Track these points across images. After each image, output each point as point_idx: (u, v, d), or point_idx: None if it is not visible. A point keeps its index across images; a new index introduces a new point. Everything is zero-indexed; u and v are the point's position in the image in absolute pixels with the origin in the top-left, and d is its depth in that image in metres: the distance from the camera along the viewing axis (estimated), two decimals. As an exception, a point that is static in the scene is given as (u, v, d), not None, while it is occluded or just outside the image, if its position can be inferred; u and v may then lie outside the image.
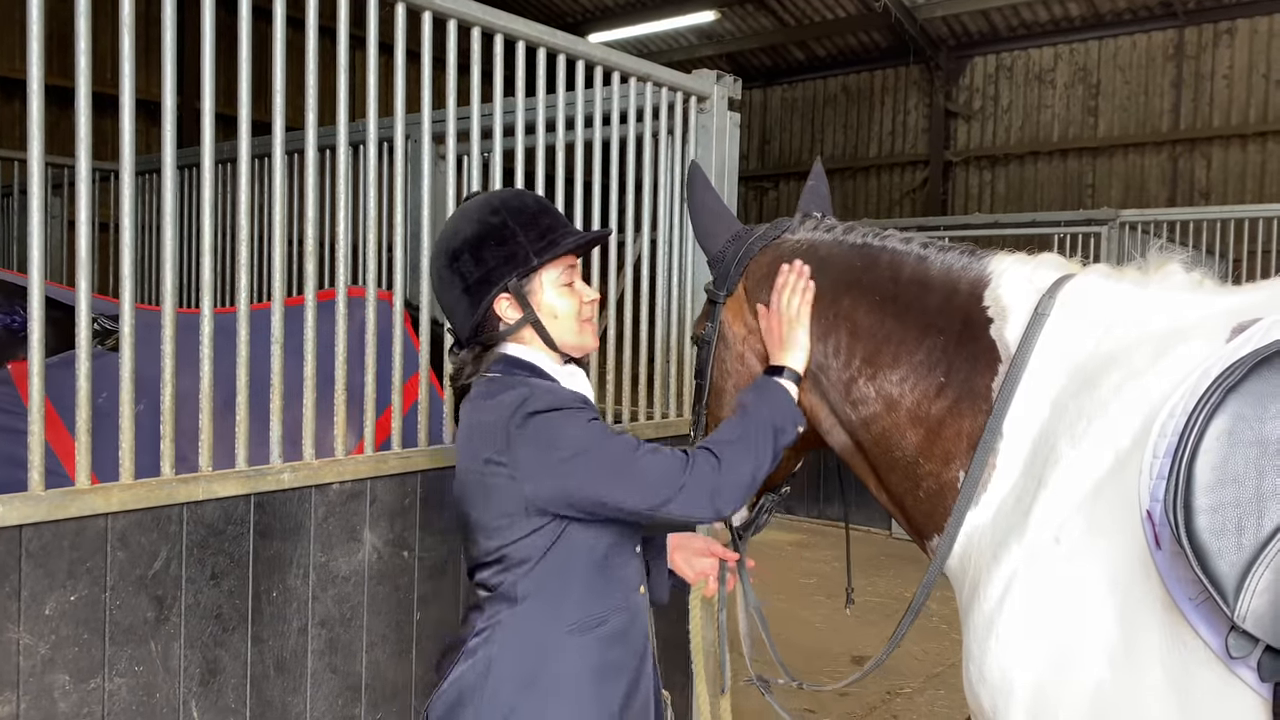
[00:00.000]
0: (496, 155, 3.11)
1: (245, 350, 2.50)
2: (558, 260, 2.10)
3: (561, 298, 2.10)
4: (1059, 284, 1.93)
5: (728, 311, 2.40)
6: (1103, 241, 8.72)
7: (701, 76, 3.81)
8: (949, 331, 2.02)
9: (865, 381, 2.12)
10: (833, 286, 2.20)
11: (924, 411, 2.03)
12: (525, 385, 2.02)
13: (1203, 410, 1.49)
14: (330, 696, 2.64)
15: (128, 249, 2.29)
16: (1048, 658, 1.68)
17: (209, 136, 2.45)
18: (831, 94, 17.83)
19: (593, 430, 1.98)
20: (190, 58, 10.51)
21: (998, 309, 1.98)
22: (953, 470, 1.98)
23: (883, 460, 2.14)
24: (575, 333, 2.13)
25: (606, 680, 2.05)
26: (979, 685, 1.80)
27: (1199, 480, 1.46)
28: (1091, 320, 1.86)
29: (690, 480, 1.96)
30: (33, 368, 2.11)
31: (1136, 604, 1.58)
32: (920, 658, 6.11)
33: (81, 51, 2.15)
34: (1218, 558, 1.42)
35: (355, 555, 2.68)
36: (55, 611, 2.11)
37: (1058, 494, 1.73)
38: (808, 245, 2.31)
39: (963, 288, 2.04)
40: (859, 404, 2.14)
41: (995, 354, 1.95)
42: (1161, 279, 1.87)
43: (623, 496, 1.96)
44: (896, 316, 2.09)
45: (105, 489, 2.19)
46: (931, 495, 2.02)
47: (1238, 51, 14.13)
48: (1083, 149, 15.34)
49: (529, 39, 3.11)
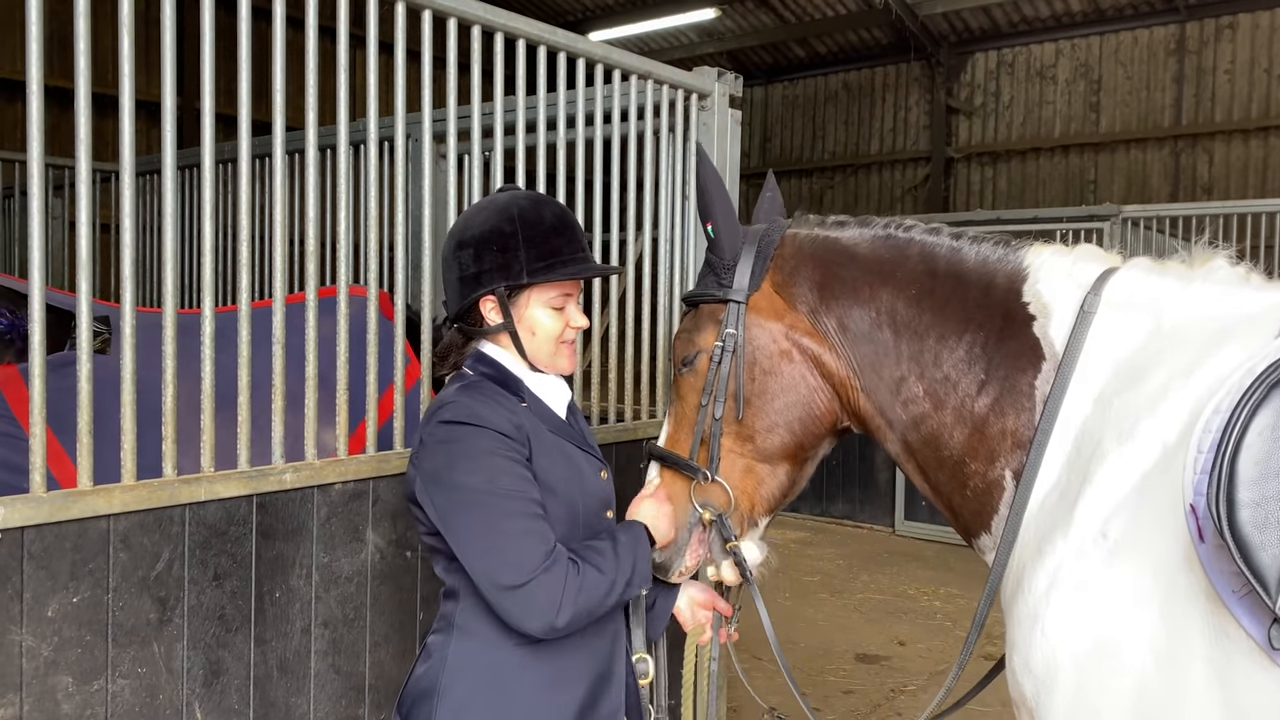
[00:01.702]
0: (497, 154, 3.10)
1: (247, 350, 2.49)
2: (558, 283, 2.08)
3: (546, 318, 2.09)
4: (1103, 279, 1.93)
5: (757, 312, 2.23)
6: (1105, 237, 8.71)
7: (702, 74, 3.80)
8: (989, 327, 2.01)
9: (914, 380, 2.09)
10: (867, 280, 2.15)
11: (968, 410, 2.02)
12: (466, 391, 2.02)
13: (1246, 405, 1.51)
14: (334, 697, 2.64)
15: (128, 249, 2.29)
16: (1091, 649, 1.70)
17: (209, 137, 2.44)
18: (833, 91, 17.82)
19: (485, 468, 1.91)
20: (190, 58, 10.53)
21: (1039, 305, 1.98)
22: (998, 469, 1.99)
23: (931, 460, 2.12)
24: (549, 354, 2.10)
25: (561, 688, 2.01)
26: (1023, 675, 1.83)
27: (1242, 474, 1.47)
28: (1138, 317, 1.87)
29: (539, 583, 1.84)
30: (34, 369, 2.10)
31: (1180, 597, 1.60)
32: (924, 655, 6.11)
33: (81, 52, 2.14)
34: (1260, 550, 1.43)
35: (358, 555, 2.68)
36: (58, 613, 2.11)
37: (1104, 489, 1.75)
38: (825, 238, 2.24)
39: (1000, 281, 2.03)
40: (909, 404, 2.11)
41: (1039, 352, 1.96)
42: (1207, 274, 1.87)
43: (469, 554, 1.90)
44: (935, 311, 2.07)
45: (107, 490, 2.18)
46: (979, 494, 2.03)
47: (1239, 46, 14.10)
48: (1084, 145, 15.32)
49: (529, 37, 3.11)
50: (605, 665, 2.10)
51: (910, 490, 9.42)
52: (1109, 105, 15.14)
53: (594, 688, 2.06)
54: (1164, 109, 14.73)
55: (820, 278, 2.19)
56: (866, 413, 2.19)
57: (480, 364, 2.11)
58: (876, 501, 9.76)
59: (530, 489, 1.94)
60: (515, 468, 1.94)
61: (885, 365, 2.12)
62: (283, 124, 2.59)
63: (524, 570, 1.85)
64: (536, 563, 1.85)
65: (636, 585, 2.01)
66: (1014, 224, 9.35)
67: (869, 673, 5.81)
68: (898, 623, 6.77)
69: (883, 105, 17.29)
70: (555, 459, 2.04)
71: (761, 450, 2.24)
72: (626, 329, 3.67)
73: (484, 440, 1.93)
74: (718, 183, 2.28)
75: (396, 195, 2.91)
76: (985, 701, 5.43)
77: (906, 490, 9.47)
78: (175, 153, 2.36)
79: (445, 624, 2.05)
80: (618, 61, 3.43)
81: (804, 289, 2.20)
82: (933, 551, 8.83)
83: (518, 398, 2.06)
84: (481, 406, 1.97)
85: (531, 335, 2.09)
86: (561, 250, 2.07)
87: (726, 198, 2.30)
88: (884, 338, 2.12)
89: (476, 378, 2.08)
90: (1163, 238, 9.05)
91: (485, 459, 1.92)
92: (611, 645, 2.13)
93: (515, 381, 2.09)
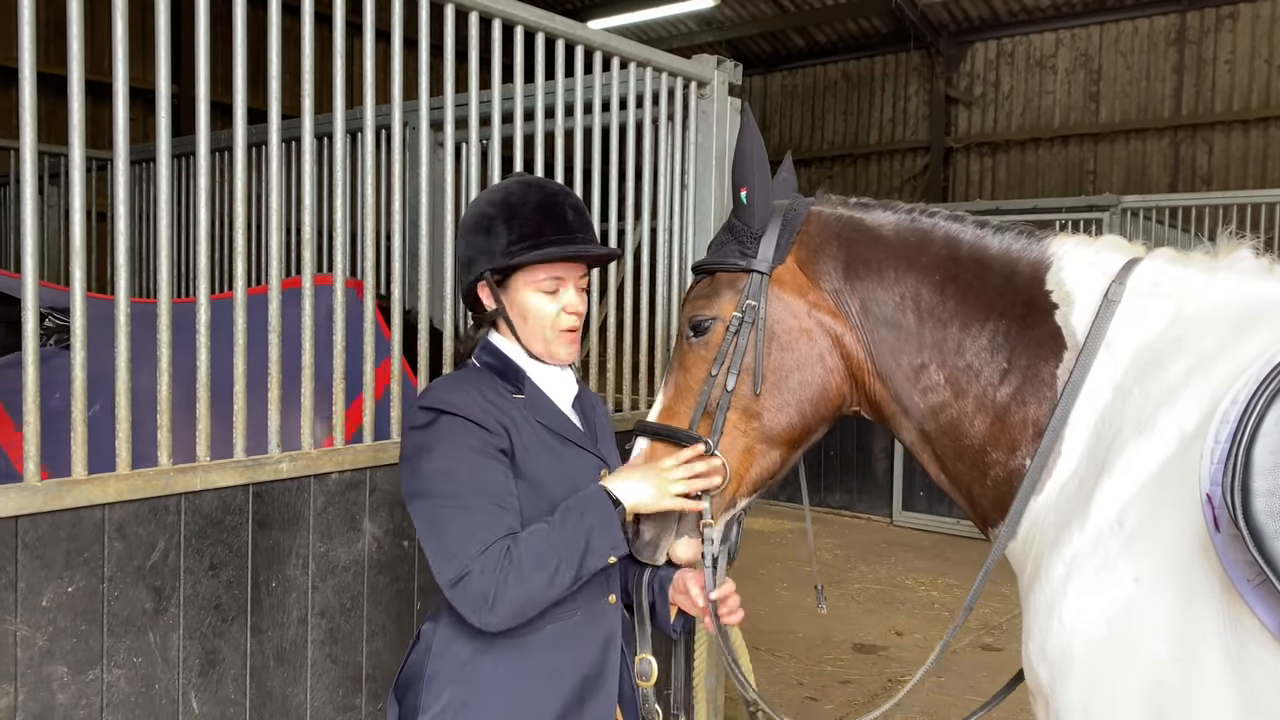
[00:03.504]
0: (495, 142, 3.08)
1: (242, 339, 2.48)
2: (544, 265, 2.01)
3: (535, 301, 2.03)
4: (1128, 269, 1.93)
5: (780, 285, 2.15)
6: (1104, 227, 8.69)
7: (702, 61, 3.78)
8: (1010, 315, 2.00)
9: (936, 368, 2.07)
10: (893, 263, 2.12)
11: (990, 398, 2.02)
12: (451, 377, 2.05)
13: (1263, 395, 1.51)
14: (331, 687, 2.63)
15: (123, 238, 2.27)
16: (1107, 637, 1.70)
17: (204, 124, 2.42)
18: (832, 80, 17.78)
19: (445, 455, 1.88)
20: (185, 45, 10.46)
21: (1062, 294, 1.97)
22: (1019, 458, 1.98)
23: (950, 449, 2.10)
24: (542, 340, 2.05)
25: (538, 681, 1.96)
26: (1039, 663, 1.83)
27: (1257, 463, 1.47)
28: (1161, 306, 1.87)
29: (471, 576, 1.80)
30: (27, 358, 2.09)
31: (1196, 586, 1.60)
32: (922, 645, 6.11)
33: (74, 37, 2.12)
34: (1275, 540, 1.43)
35: (355, 545, 2.67)
36: (53, 603, 2.10)
37: (1122, 478, 1.75)
38: (851, 218, 2.19)
39: (1023, 269, 2.02)
40: (928, 391, 2.09)
41: (1060, 340, 1.95)
42: (1231, 264, 1.87)
43: (422, 542, 1.90)
44: (959, 298, 2.06)
45: (101, 479, 2.17)
46: (999, 483, 2.02)
47: (1240, 36, 14.07)
48: (1084, 135, 15.30)
49: (528, 24, 3.08)
50: (594, 668, 2.04)
51: (908, 480, 9.42)
52: (1109, 95, 15.11)
53: (580, 689, 2.01)
54: (1164, 99, 14.70)
55: (846, 257, 2.15)
56: (881, 398, 2.16)
57: (485, 353, 2.09)
58: (874, 492, 9.76)
59: (492, 481, 1.89)
60: (477, 458, 1.89)
61: (906, 351, 2.10)
62: (278, 112, 2.56)
63: (458, 563, 1.81)
64: (471, 555, 1.81)
65: (597, 557, 1.88)
66: (1013, 214, 9.32)
67: (866, 662, 5.82)
68: (895, 613, 6.78)
69: (882, 95, 17.25)
70: (539, 454, 1.99)
71: (766, 429, 2.16)
72: (625, 318, 3.65)
73: (452, 426, 1.90)
74: (760, 149, 2.17)
75: (394, 184, 2.89)
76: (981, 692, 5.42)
77: (904, 480, 9.47)
78: (170, 140, 2.35)
79: (435, 611, 2.05)
80: (617, 49, 3.41)
81: (829, 267, 2.16)
82: (930, 542, 8.84)
83: (514, 388, 2.03)
84: (455, 393, 1.95)
85: (524, 321, 2.04)
86: (544, 231, 2.00)
87: (766, 166, 2.19)
88: (907, 322, 2.09)
89: (476, 366, 2.08)
90: (1162, 228, 9.04)
91: (448, 446, 1.89)
92: (604, 650, 2.06)
93: (516, 371, 2.06)
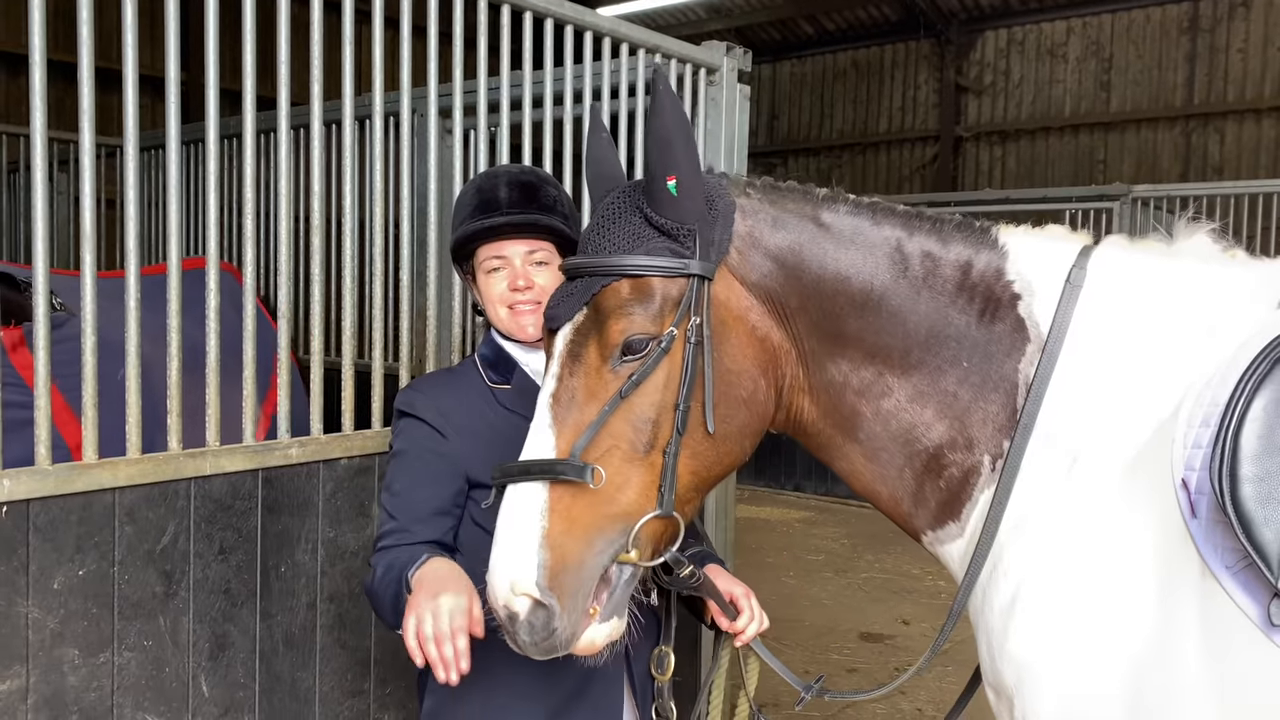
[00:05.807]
0: (504, 129, 3.08)
1: (252, 325, 2.48)
2: (483, 246, 2.07)
3: (484, 284, 2.11)
4: (1084, 255, 1.84)
5: (723, 288, 1.81)
6: (1115, 217, 8.67)
7: (711, 48, 3.76)
8: (970, 310, 1.86)
9: (888, 374, 1.87)
10: (835, 262, 1.86)
11: (949, 398, 1.86)
12: (430, 375, 2.19)
13: (1249, 381, 1.49)
14: (339, 671, 2.65)
15: (133, 224, 2.28)
16: (1079, 632, 1.65)
17: (214, 111, 2.43)
18: (841, 69, 17.68)
19: (397, 452, 2.04)
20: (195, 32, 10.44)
21: (1023, 284, 1.85)
22: (977, 456, 1.85)
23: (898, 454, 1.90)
24: (502, 319, 2.10)
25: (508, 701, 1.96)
26: (1002, 662, 1.75)
27: (1245, 449, 1.47)
28: (1127, 292, 1.80)
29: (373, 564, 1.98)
30: (38, 341, 2.10)
31: (1173, 574, 1.57)
32: (928, 634, 6.12)
33: (84, 22, 2.13)
34: (1263, 525, 1.43)
35: (364, 530, 2.68)
36: (64, 586, 2.12)
37: (1092, 467, 1.70)
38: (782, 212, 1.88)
39: (979, 262, 1.88)
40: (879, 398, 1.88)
41: (1024, 333, 1.83)
42: (1192, 250, 1.82)
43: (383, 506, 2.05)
44: (912, 294, 1.86)
45: (112, 463, 2.18)
46: (954, 482, 1.88)
47: (1253, 25, 13.95)
48: (1095, 124, 15.19)
49: (537, 9, 3.08)
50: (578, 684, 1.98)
51: (915, 470, 9.37)
52: (1120, 84, 15.01)
53: (565, 705, 2.00)
54: (1175, 88, 14.59)
55: (782, 257, 1.85)
56: (808, 416, 1.92)
57: (484, 345, 2.16)
58: (882, 481, 9.73)
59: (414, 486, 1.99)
60: (413, 462, 2.01)
61: (850, 358, 1.88)
62: (288, 99, 2.57)
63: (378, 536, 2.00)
64: (374, 549, 1.99)
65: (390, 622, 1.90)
66: (1023, 203, 9.31)
67: (873, 651, 5.83)
68: (901, 602, 6.78)
69: (891, 83, 17.16)
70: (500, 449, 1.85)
71: (708, 472, 1.82)
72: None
73: (405, 426, 2.05)
74: (685, 127, 1.75)
75: (402, 171, 2.90)
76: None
77: (912, 470, 9.43)
78: (179, 127, 2.35)
79: None
80: (626, 35, 3.40)
81: (764, 269, 1.84)
82: (937, 531, 8.82)
83: (502, 379, 2.08)
84: (418, 394, 2.08)
85: (488, 305, 2.12)
86: (475, 214, 2.07)
87: (694, 147, 1.80)
88: (855, 327, 1.86)
89: (469, 359, 2.16)
90: (1172, 218, 9.00)
91: (400, 444, 2.04)
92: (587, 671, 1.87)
93: (507, 361, 2.11)
